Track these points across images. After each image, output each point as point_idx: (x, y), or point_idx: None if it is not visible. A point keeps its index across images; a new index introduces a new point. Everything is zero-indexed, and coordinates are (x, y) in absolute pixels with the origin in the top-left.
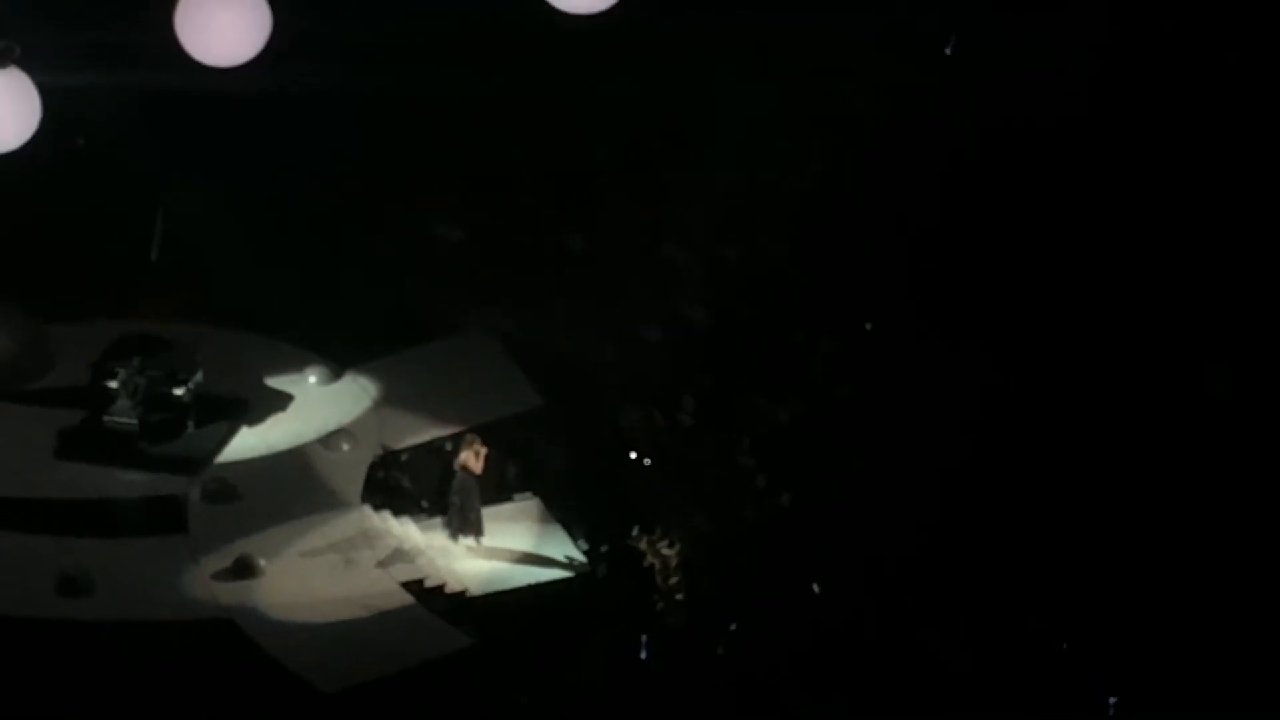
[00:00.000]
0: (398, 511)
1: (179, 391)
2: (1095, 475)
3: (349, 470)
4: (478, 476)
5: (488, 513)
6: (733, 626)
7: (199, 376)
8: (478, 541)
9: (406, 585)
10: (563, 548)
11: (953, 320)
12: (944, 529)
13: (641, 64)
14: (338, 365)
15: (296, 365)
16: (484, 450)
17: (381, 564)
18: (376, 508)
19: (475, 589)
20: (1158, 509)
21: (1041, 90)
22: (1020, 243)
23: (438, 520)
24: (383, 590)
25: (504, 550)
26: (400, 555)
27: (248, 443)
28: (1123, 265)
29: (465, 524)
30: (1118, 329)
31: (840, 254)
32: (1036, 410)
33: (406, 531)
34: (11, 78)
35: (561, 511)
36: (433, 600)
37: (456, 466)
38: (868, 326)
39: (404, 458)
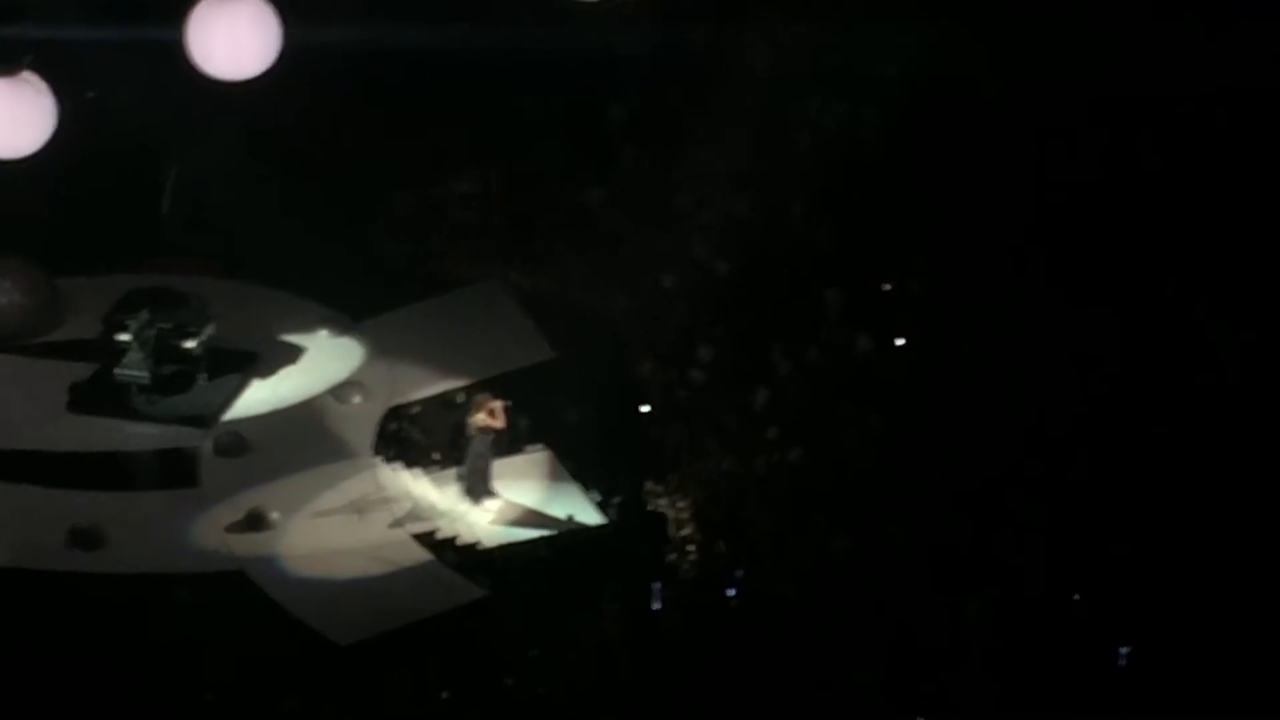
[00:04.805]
0: (409, 464)
1: (190, 344)
2: (1106, 429)
3: (360, 422)
4: (500, 431)
5: (500, 465)
6: (743, 577)
7: (210, 329)
8: (489, 502)
9: (419, 538)
10: (575, 500)
11: (967, 276)
12: (955, 483)
13: (656, 21)
14: (349, 318)
15: (308, 318)
16: (498, 405)
17: (394, 516)
18: (388, 460)
19: (487, 541)
20: (1170, 462)
21: (1063, 47)
22: (1036, 199)
23: (450, 472)
24: (395, 542)
25: (516, 503)
26: (412, 507)
27: (259, 395)
28: (1135, 220)
29: (484, 484)
30: (1132, 288)
31: (855, 209)
32: (1049, 367)
33: (419, 484)
34: (26, 85)
35: (574, 464)
36: (445, 553)
37: (472, 431)
38: (886, 287)
39: (415, 410)
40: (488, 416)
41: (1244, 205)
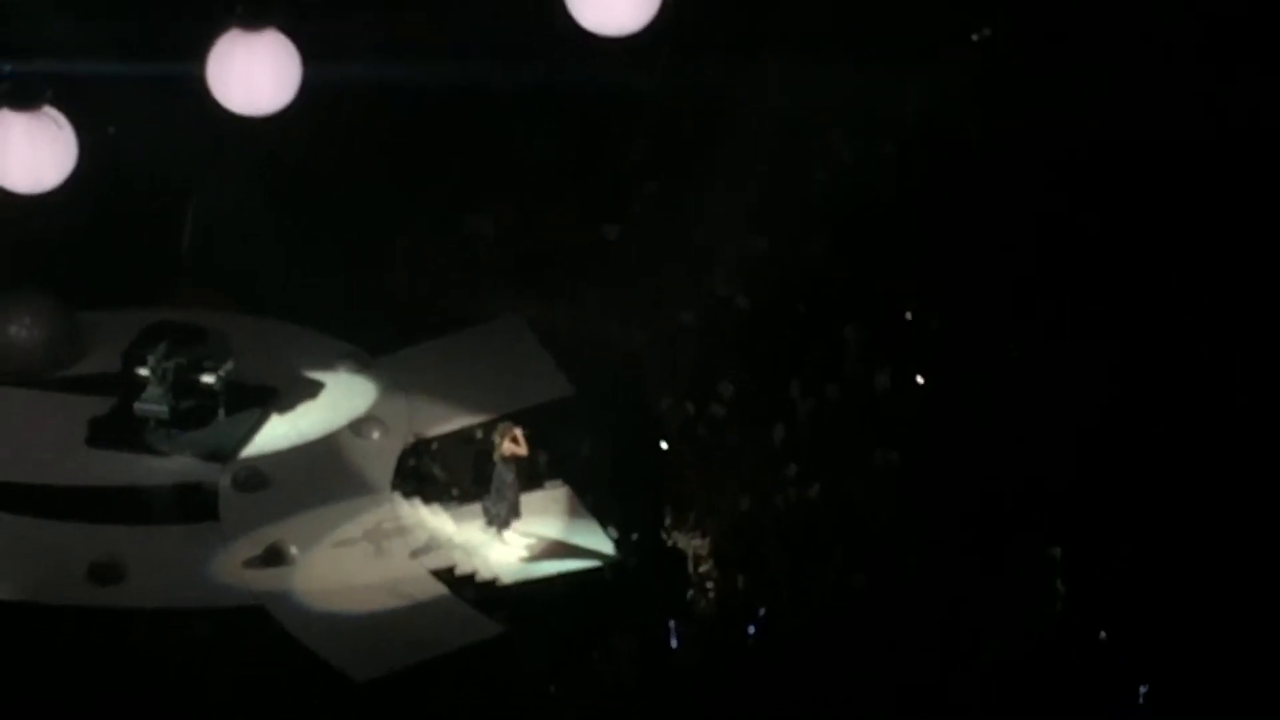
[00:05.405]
0: (428, 499)
1: (210, 379)
2: (1125, 463)
3: (379, 457)
4: (524, 458)
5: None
6: (763, 615)
7: (230, 364)
8: (511, 533)
9: (437, 573)
10: (593, 536)
11: (987, 312)
12: (975, 520)
13: (673, 56)
14: (368, 353)
15: (327, 353)
16: (519, 432)
17: (412, 552)
18: (407, 495)
19: (506, 577)
20: (1193, 497)
21: (1073, 86)
22: (1054, 236)
23: (469, 508)
24: (413, 578)
25: (535, 539)
26: (431, 543)
27: (278, 430)
28: (1153, 258)
29: (510, 513)
30: (1146, 322)
31: (876, 244)
32: (1069, 402)
33: (437, 519)
34: (48, 120)
35: (592, 500)
36: (463, 588)
37: (497, 459)
38: (908, 316)
39: (434, 445)
40: (512, 444)
41: (1261, 244)
